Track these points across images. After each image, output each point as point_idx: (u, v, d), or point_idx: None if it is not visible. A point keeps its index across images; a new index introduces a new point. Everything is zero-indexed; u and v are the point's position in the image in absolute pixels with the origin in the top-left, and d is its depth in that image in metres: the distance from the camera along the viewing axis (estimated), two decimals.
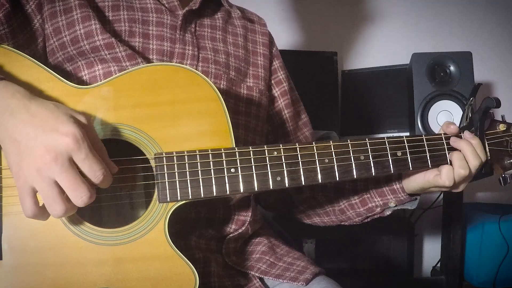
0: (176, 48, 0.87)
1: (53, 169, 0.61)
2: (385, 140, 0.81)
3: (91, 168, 0.63)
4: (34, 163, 0.61)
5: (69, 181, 0.62)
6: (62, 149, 0.61)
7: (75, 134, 0.61)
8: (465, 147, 0.82)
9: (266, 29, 1.04)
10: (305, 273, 0.84)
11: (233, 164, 0.74)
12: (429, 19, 2.16)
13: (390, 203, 0.92)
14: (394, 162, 0.81)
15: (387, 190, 0.92)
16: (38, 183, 0.62)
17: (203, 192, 0.73)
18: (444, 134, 0.86)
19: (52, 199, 0.62)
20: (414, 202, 0.93)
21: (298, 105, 1.07)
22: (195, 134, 0.75)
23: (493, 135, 0.88)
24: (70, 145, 0.61)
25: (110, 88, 0.75)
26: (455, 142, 0.84)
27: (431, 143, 0.84)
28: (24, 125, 0.62)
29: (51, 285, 0.69)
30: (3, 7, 0.77)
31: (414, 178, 0.88)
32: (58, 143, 0.61)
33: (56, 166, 0.61)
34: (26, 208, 0.64)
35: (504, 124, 0.88)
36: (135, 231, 0.72)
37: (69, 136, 0.61)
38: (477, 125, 0.86)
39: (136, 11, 0.86)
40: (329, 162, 0.78)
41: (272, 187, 0.75)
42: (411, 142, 0.82)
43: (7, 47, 0.74)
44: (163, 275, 0.72)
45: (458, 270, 1.80)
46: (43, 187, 0.62)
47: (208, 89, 0.76)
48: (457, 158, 0.82)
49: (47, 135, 0.61)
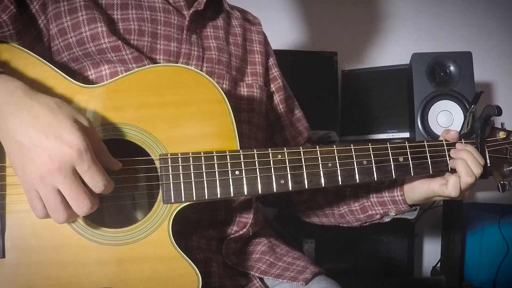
0: (183, 49, 0.88)
1: (57, 179, 0.62)
2: (388, 145, 0.82)
3: (93, 179, 0.64)
4: (38, 169, 0.62)
5: (72, 191, 0.63)
6: (65, 160, 0.62)
7: (78, 146, 0.63)
8: (465, 155, 0.83)
9: (260, 28, 1.06)
10: (304, 273, 0.84)
11: (237, 167, 0.74)
12: (429, 19, 2.16)
13: (390, 212, 0.93)
14: (396, 167, 0.81)
15: (388, 200, 0.92)
16: (41, 190, 0.63)
17: (207, 194, 0.73)
18: (445, 141, 0.86)
19: (54, 207, 0.64)
20: (413, 213, 0.93)
21: (291, 102, 1.09)
22: (200, 136, 0.75)
23: (493, 143, 0.88)
24: (74, 156, 0.62)
25: (115, 87, 0.75)
26: (455, 154, 0.84)
27: (432, 149, 0.84)
28: (26, 127, 0.63)
29: (54, 284, 0.69)
30: (8, 9, 0.76)
31: (418, 188, 0.88)
32: (62, 153, 0.62)
33: (59, 176, 0.62)
34: (38, 211, 0.65)
35: (504, 132, 0.89)
36: (138, 232, 0.72)
37: (73, 148, 0.62)
38: (478, 132, 0.87)
39: (144, 10, 0.86)
40: (332, 166, 0.78)
41: (276, 190, 0.75)
42: (413, 148, 0.83)
43: (13, 44, 0.74)
44: (166, 276, 0.72)
45: (458, 270, 1.81)
46: (46, 194, 0.64)
47: (213, 91, 0.76)
48: (462, 166, 0.82)
49: (51, 142, 0.62)
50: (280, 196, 1.06)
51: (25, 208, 0.68)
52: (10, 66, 0.72)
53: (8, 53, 0.73)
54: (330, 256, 1.76)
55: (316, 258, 1.70)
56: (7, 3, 0.76)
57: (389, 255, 1.78)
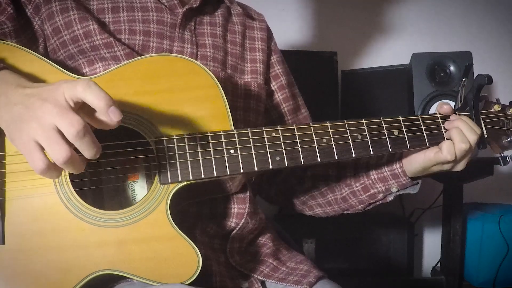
0: (175, 47, 0.89)
1: (53, 114, 0.60)
2: (381, 120, 0.83)
3: (98, 95, 0.62)
4: (34, 115, 0.61)
5: (68, 119, 0.60)
6: (60, 97, 0.61)
7: (69, 84, 0.61)
8: (459, 124, 0.84)
9: (264, 24, 1.04)
10: (308, 277, 0.84)
11: (232, 145, 0.76)
12: (429, 19, 2.16)
13: (392, 188, 0.93)
14: (392, 140, 0.82)
15: (388, 175, 0.92)
16: (40, 133, 0.61)
17: (203, 173, 0.75)
18: (439, 114, 0.87)
19: (55, 142, 0.61)
20: (415, 187, 0.94)
21: (298, 100, 1.08)
22: (195, 119, 0.77)
23: (488, 115, 0.89)
24: (66, 89, 0.61)
25: (111, 77, 0.77)
26: (449, 124, 0.85)
27: (427, 122, 0.85)
28: (22, 90, 0.64)
29: (54, 268, 0.70)
30: (5, 11, 0.80)
31: (415, 159, 0.89)
32: (55, 93, 0.61)
33: (54, 109, 0.60)
34: (37, 161, 0.62)
35: (499, 105, 0.89)
36: (137, 213, 0.73)
37: (61, 87, 0.61)
38: (472, 103, 0.87)
39: (136, 11, 0.88)
40: (327, 141, 0.80)
41: (272, 167, 0.77)
42: (407, 121, 0.84)
43: (10, 43, 0.77)
44: (166, 256, 0.72)
45: (458, 270, 1.81)
46: (45, 135, 0.61)
47: (206, 77, 0.78)
48: (456, 133, 0.83)
49: (44, 92, 0.62)
50: (282, 190, 1.06)
51: (25, 195, 0.69)
52: (8, 63, 0.74)
53: (6, 51, 0.75)
54: (330, 256, 1.76)
55: (316, 258, 1.70)
56: (5, 6, 0.80)
57: (389, 255, 1.78)
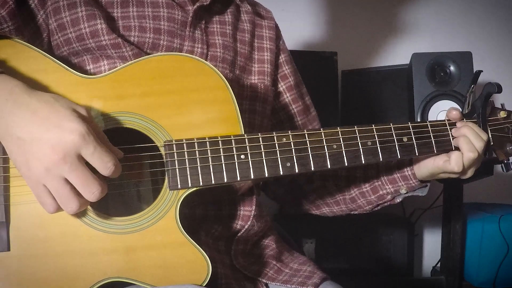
0: (185, 46, 0.87)
1: (62, 168, 0.62)
2: (391, 126, 0.83)
3: (102, 160, 0.64)
4: (42, 163, 0.61)
5: (80, 178, 0.62)
6: (69, 147, 0.61)
7: (79, 130, 0.62)
8: (466, 131, 0.84)
9: (273, 22, 1.02)
10: (313, 278, 0.84)
11: (243, 151, 0.75)
12: (429, 19, 2.16)
13: (401, 189, 0.93)
14: (400, 147, 0.83)
15: (398, 177, 0.93)
16: (49, 183, 0.62)
17: (213, 179, 0.73)
18: (447, 120, 0.88)
19: (64, 197, 0.63)
20: (424, 189, 0.94)
21: (306, 99, 1.07)
22: (204, 122, 0.75)
23: (494, 122, 0.90)
24: (77, 142, 0.62)
25: (118, 77, 0.75)
26: (456, 131, 0.86)
27: (435, 129, 0.86)
28: (26, 123, 0.62)
29: (61, 275, 0.69)
30: (6, 4, 0.77)
31: (424, 164, 0.89)
32: (64, 141, 0.61)
33: (65, 165, 0.61)
34: (48, 205, 0.64)
35: (505, 111, 0.90)
36: (146, 219, 0.72)
37: (74, 133, 0.62)
38: (479, 111, 0.88)
39: (146, 7, 0.85)
40: (338, 148, 0.80)
41: (283, 173, 0.76)
42: (416, 128, 0.85)
43: (14, 39, 0.74)
44: (175, 263, 0.71)
45: (458, 270, 1.80)
46: (54, 186, 0.63)
47: (215, 78, 0.76)
48: (464, 142, 0.84)
49: (52, 133, 0.62)
50: (290, 189, 1.06)
51: (30, 200, 0.68)
52: (11, 61, 0.72)
53: (9, 48, 0.73)
54: (330, 256, 1.75)
55: (316, 258, 1.70)
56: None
57: (389, 255, 1.78)
